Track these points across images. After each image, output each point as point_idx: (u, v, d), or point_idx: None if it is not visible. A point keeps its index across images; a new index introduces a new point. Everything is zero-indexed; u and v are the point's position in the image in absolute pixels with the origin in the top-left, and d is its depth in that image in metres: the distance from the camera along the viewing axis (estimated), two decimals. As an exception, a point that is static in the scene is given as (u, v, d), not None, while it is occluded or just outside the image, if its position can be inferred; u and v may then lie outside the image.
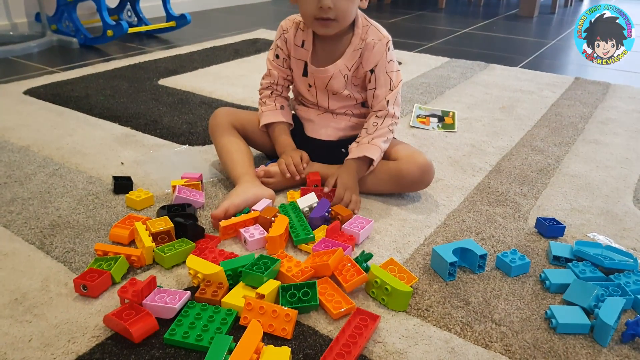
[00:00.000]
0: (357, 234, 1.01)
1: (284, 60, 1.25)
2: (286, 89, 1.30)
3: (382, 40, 1.18)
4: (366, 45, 1.17)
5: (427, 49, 2.74)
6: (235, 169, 1.18)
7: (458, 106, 1.85)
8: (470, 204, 1.20)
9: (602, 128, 1.71)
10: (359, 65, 1.19)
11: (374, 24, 1.20)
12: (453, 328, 0.82)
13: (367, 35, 1.17)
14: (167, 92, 1.87)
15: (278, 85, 1.28)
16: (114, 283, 0.87)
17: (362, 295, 0.88)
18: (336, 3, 1.08)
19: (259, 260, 0.87)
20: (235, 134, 1.25)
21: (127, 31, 2.41)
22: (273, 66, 1.27)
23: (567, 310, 0.85)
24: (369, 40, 1.17)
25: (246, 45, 2.59)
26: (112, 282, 0.87)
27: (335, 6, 1.08)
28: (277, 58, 1.26)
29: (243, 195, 1.07)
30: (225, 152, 1.22)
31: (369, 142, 1.18)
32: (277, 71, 1.27)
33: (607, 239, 1.09)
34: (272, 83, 1.28)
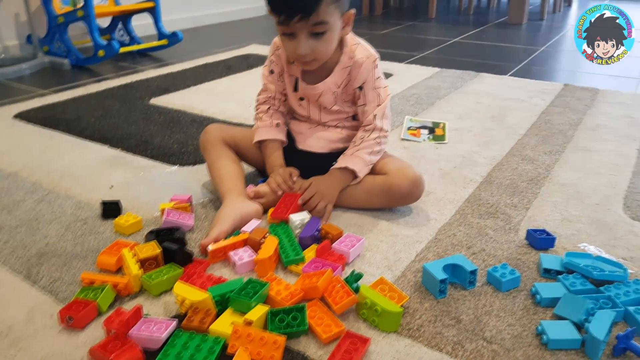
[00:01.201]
0: (347, 252, 1.01)
1: (279, 75, 1.26)
2: (283, 103, 1.31)
3: (370, 58, 1.19)
4: (355, 63, 1.18)
5: (418, 59, 2.75)
6: (223, 184, 1.18)
7: (449, 117, 1.85)
8: (461, 217, 1.20)
9: (591, 135, 1.71)
10: (347, 82, 1.20)
11: (362, 42, 1.22)
12: (444, 348, 0.82)
13: (355, 54, 1.19)
14: (159, 111, 1.87)
15: (275, 99, 1.29)
16: (101, 313, 0.86)
17: (353, 317, 0.88)
18: (313, 49, 1.10)
19: (247, 285, 0.87)
20: (226, 150, 1.25)
21: (119, 51, 2.42)
22: (269, 81, 1.28)
23: (557, 326, 0.84)
24: (357, 59, 1.18)
25: (238, 61, 2.60)
26: (99, 312, 0.86)
27: (313, 51, 1.10)
28: (272, 73, 1.27)
29: (231, 218, 1.07)
30: (214, 168, 1.22)
31: (353, 154, 1.19)
32: (273, 85, 1.28)
33: (597, 249, 1.08)
34: (270, 97, 1.29)
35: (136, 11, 2.75)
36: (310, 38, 1.08)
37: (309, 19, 1.05)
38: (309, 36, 1.08)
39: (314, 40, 1.09)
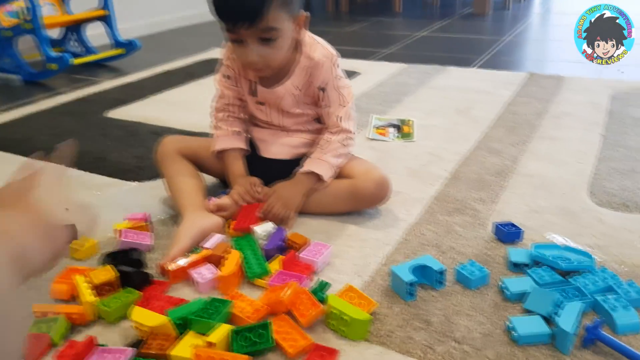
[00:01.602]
0: (314, 261, 0.98)
1: (235, 80, 1.23)
2: (241, 109, 1.27)
3: (330, 58, 1.16)
4: (314, 64, 1.15)
5: (385, 56, 2.74)
6: (181, 200, 1.14)
7: (416, 113, 1.83)
8: (430, 215, 1.19)
9: (556, 123, 1.71)
10: (308, 84, 1.17)
11: (321, 41, 1.19)
12: (415, 352, 0.80)
13: (314, 53, 1.16)
14: (115, 124, 1.81)
15: (232, 105, 1.25)
16: (55, 345, 0.82)
17: (321, 329, 0.85)
18: (263, 56, 1.07)
19: (209, 304, 0.84)
20: (184, 162, 1.21)
21: (71, 63, 2.34)
22: (224, 86, 1.24)
23: (527, 321, 0.83)
24: (316, 59, 1.15)
25: (200, 66, 2.55)
26: (53, 344, 0.82)
27: (263, 59, 1.07)
28: (228, 78, 1.23)
29: (190, 234, 1.03)
30: (172, 183, 1.18)
31: (319, 158, 1.16)
32: (229, 91, 1.24)
33: (564, 239, 1.08)
34: (227, 104, 1.25)
35: (89, 20, 2.65)
36: (259, 45, 1.05)
37: (255, 26, 1.02)
38: (258, 43, 1.05)
39: (264, 47, 1.06)
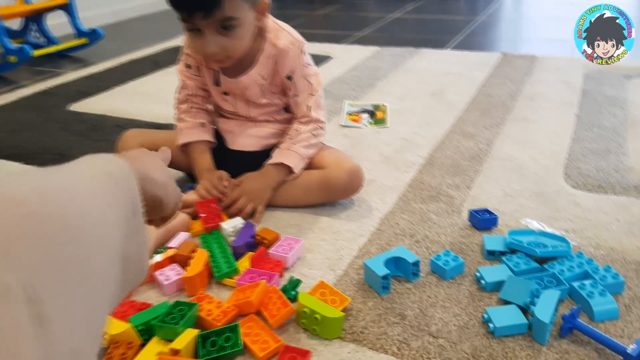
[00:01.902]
0: (285, 257, 0.95)
1: (197, 69, 1.18)
2: (205, 100, 1.22)
3: (296, 45, 1.12)
4: (279, 51, 1.10)
5: (358, 39, 2.70)
6: None
7: (389, 98, 1.80)
8: (404, 203, 1.16)
9: (530, 104, 1.70)
10: (274, 73, 1.13)
11: (286, 27, 1.14)
12: (390, 349, 0.78)
13: (279, 40, 1.11)
14: (78, 118, 1.74)
15: (196, 96, 1.20)
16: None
17: (293, 328, 0.82)
18: (223, 47, 1.02)
19: (174, 308, 0.80)
20: None
21: (32, 54, 2.24)
22: (186, 77, 1.19)
23: (503, 312, 0.82)
24: (281, 46, 1.10)
25: (167, 54, 2.47)
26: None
27: (223, 49, 1.02)
28: (189, 68, 1.18)
29: (154, 234, 0.99)
30: None
31: (289, 149, 1.13)
32: (191, 81, 1.19)
33: (539, 224, 1.06)
34: (189, 95, 1.20)
35: (49, 9, 2.55)
36: (218, 35, 1.00)
37: (212, 15, 0.97)
38: (216, 33, 1.00)
39: (223, 37, 1.01)
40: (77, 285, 0.28)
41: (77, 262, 0.28)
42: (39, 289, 0.25)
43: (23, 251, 0.25)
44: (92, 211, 0.32)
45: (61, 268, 0.27)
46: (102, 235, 0.32)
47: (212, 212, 1.06)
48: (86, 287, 0.29)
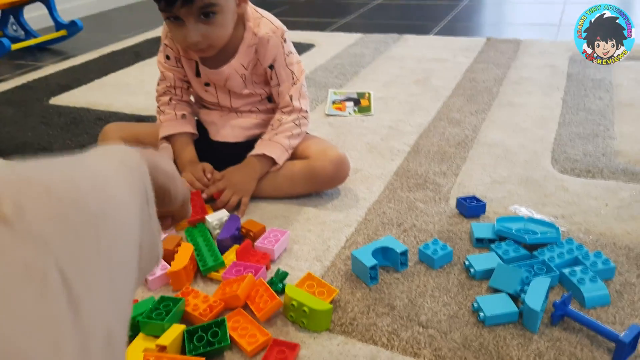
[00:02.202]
0: (272, 250, 0.93)
1: (176, 60, 1.15)
2: (186, 92, 1.20)
3: (277, 33, 1.09)
4: (260, 40, 1.08)
5: (341, 26, 2.67)
6: None
7: (374, 85, 1.79)
8: (391, 192, 1.15)
9: (516, 89, 1.69)
10: (255, 62, 1.11)
11: (266, 14, 1.12)
12: (379, 340, 0.77)
13: (260, 29, 1.08)
14: (59, 112, 1.70)
15: (176, 88, 1.18)
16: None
17: (281, 321, 0.81)
18: (205, 35, 0.99)
19: (159, 304, 0.78)
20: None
21: (11, 48, 2.20)
22: (166, 68, 1.17)
23: (493, 300, 0.81)
24: (262, 34, 1.08)
25: (148, 45, 2.43)
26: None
27: (205, 38, 1.00)
28: (169, 59, 1.16)
29: None
30: None
31: (271, 139, 1.11)
32: (171, 73, 1.17)
33: (528, 211, 1.06)
34: (169, 87, 1.18)
35: (27, 2, 2.49)
36: (199, 23, 0.98)
37: (193, 3, 0.94)
38: (197, 21, 0.97)
39: (205, 25, 0.98)
40: (105, 271, 0.28)
41: (105, 249, 0.28)
42: (71, 274, 0.24)
43: (55, 236, 0.25)
44: (117, 198, 0.32)
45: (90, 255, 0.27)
46: (125, 222, 0.32)
47: (197, 205, 1.04)
48: (113, 273, 0.29)
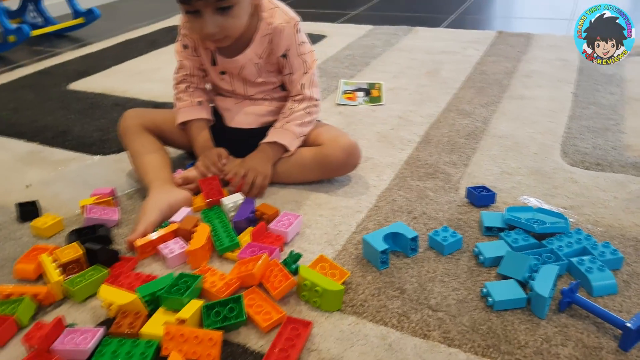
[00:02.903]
0: (285, 232, 0.96)
1: (193, 49, 1.18)
2: (202, 80, 1.23)
3: (290, 23, 1.11)
4: (274, 30, 1.10)
5: (351, 18, 2.68)
6: (146, 175, 1.10)
7: (384, 76, 1.81)
8: (401, 180, 1.17)
9: (526, 82, 1.70)
10: (269, 52, 1.13)
11: (280, 5, 1.14)
12: (390, 321, 0.79)
13: (274, 19, 1.10)
14: (77, 97, 1.74)
15: (193, 76, 1.20)
16: (22, 327, 0.79)
17: (294, 301, 0.84)
18: (221, 26, 1.02)
19: (178, 280, 0.81)
20: (148, 136, 1.17)
21: (31, 34, 2.23)
22: (183, 57, 1.19)
23: (502, 286, 0.83)
24: (276, 25, 1.10)
25: (163, 34, 2.46)
26: (20, 326, 0.79)
27: (222, 29, 1.02)
28: (186, 48, 1.18)
29: (157, 209, 1.00)
30: (136, 158, 1.14)
31: (282, 127, 1.14)
32: (188, 62, 1.19)
33: (537, 201, 1.08)
34: (187, 75, 1.20)
35: (46, -11, 2.54)
36: (216, 15, 1.00)
37: None
38: (214, 13, 1.00)
39: (221, 17, 1.01)
40: None
41: None
42: None
43: None
44: None
45: None
46: None
47: (213, 188, 1.07)
48: None
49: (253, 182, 1.09)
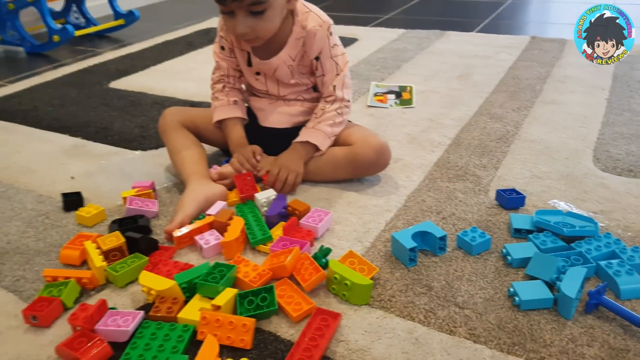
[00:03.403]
0: (316, 228, 0.99)
1: (230, 51, 1.22)
2: (238, 80, 1.27)
3: (323, 26, 1.15)
4: (308, 33, 1.14)
5: (383, 21, 2.70)
6: (184, 169, 1.15)
7: (415, 79, 1.82)
8: (430, 182, 1.19)
9: (559, 87, 1.70)
10: (303, 54, 1.17)
11: (314, 9, 1.17)
12: (417, 316, 0.81)
13: (308, 23, 1.14)
14: (118, 95, 1.81)
15: (229, 76, 1.25)
16: (67, 309, 0.84)
17: (323, 293, 0.87)
18: (252, 28, 1.06)
19: (214, 269, 0.85)
20: (186, 133, 1.22)
21: (74, 34, 2.32)
22: (221, 58, 1.24)
23: (529, 286, 0.84)
24: (309, 28, 1.14)
25: (199, 36, 2.53)
26: (65, 308, 0.84)
27: (253, 30, 1.07)
28: (223, 49, 1.23)
29: (194, 202, 1.04)
30: (174, 153, 1.20)
31: (314, 127, 1.17)
32: (225, 62, 1.24)
33: (567, 205, 1.08)
34: (223, 75, 1.25)
35: (89, -9, 2.63)
36: (248, 17, 1.05)
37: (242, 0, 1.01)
38: (247, 15, 1.04)
39: (253, 19, 1.05)
40: None
41: None
42: None
43: None
44: None
45: None
46: None
47: (248, 184, 1.11)
48: None
49: (285, 180, 1.12)
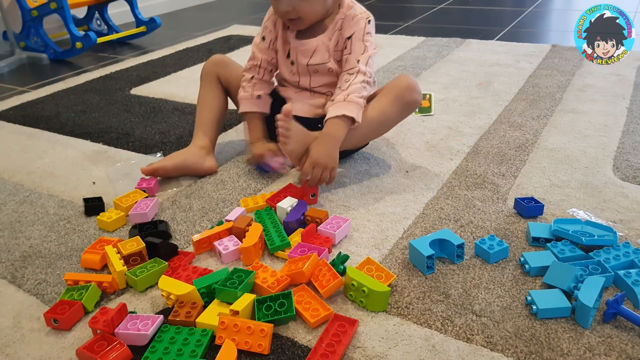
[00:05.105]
0: (334, 235, 1.00)
1: (270, 42, 1.28)
2: (269, 73, 1.32)
3: (364, 15, 1.22)
4: (346, 16, 1.21)
5: (403, 29, 2.71)
6: (195, 127, 1.30)
7: (434, 87, 1.82)
8: (449, 190, 1.19)
9: (579, 96, 1.69)
10: (339, 36, 1.21)
11: (358, 4, 1.25)
12: (434, 324, 0.81)
13: (350, 11, 1.22)
14: (139, 101, 1.84)
15: (260, 68, 1.30)
16: (87, 312, 0.86)
17: (341, 299, 0.87)
18: (295, 7, 1.14)
19: (232, 274, 0.86)
20: (216, 88, 1.34)
21: (96, 41, 2.37)
22: (259, 49, 1.30)
23: (547, 295, 0.83)
24: (349, 13, 1.21)
25: (219, 43, 2.56)
26: (85, 311, 0.85)
27: (295, 10, 1.15)
28: (264, 40, 1.29)
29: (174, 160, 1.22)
30: (199, 102, 1.34)
31: (345, 99, 1.14)
32: (261, 54, 1.29)
33: (586, 214, 1.07)
34: (255, 65, 1.30)
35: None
36: None
37: None
38: None
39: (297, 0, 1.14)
40: None
41: None
42: None
43: None
44: None
45: None
46: None
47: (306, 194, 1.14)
48: None
49: (320, 176, 1.13)
